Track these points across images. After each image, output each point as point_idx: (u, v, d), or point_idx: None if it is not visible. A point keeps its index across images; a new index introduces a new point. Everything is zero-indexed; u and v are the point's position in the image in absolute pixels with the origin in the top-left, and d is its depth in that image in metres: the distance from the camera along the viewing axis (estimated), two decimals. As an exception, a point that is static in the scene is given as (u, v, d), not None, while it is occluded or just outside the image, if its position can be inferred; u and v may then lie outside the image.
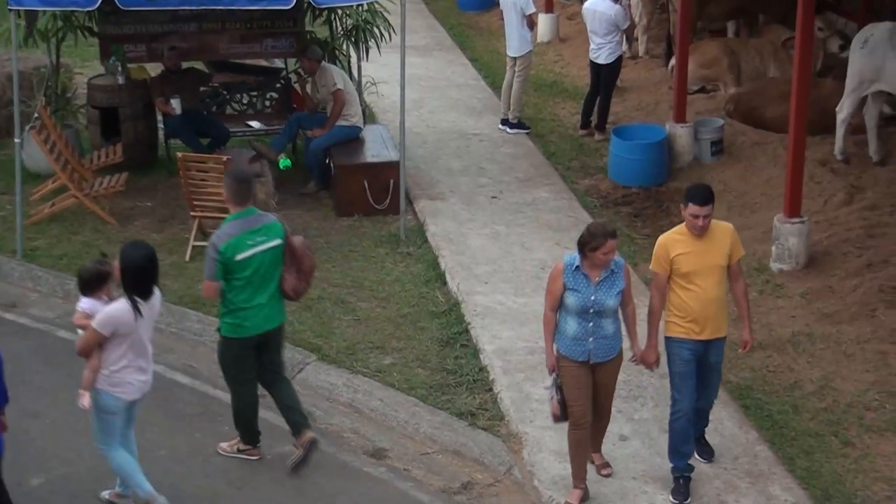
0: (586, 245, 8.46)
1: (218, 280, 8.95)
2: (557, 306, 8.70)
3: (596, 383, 8.83)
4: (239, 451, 9.68)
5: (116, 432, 8.62)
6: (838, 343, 11.16)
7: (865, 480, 9.28)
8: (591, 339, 8.63)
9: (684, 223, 8.79)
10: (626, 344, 9.41)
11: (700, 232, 8.69)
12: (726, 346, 9.27)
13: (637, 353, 8.99)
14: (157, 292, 8.64)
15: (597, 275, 8.56)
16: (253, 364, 9.35)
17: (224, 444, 9.74)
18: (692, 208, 8.61)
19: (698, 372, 8.94)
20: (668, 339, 8.94)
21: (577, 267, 8.58)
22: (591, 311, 8.57)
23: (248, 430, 9.63)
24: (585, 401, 8.74)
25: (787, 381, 10.65)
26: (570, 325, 8.65)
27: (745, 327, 9.20)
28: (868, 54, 14.00)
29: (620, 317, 8.85)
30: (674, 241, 8.81)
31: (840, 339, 11.22)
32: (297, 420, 9.39)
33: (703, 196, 8.67)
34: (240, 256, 8.90)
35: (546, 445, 9.73)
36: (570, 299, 8.58)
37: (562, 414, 8.80)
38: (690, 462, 9.09)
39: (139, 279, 8.41)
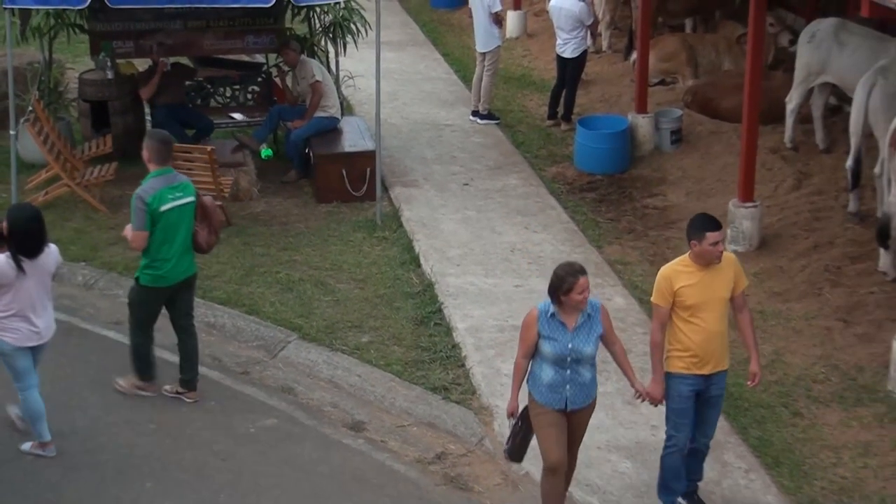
0: (559, 289, 7.78)
1: (147, 230, 9.42)
2: (531, 354, 8.01)
3: (570, 428, 8.13)
4: (136, 387, 10.09)
5: (24, 375, 8.98)
6: (788, 320, 11.25)
7: (813, 448, 9.36)
8: (567, 387, 7.94)
9: (688, 254, 8.07)
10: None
11: (720, 260, 7.99)
12: (735, 376, 9.01)
13: (640, 390, 8.23)
14: (49, 250, 8.97)
15: (573, 321, 7.87)
16: (159, 311, 9.95)
17: (121, 381, 10.14)
18: (711, 236, 7.88)
19: (696, 407, 8.30)
20: (667, 374, 8.20)
21: (552, 314, 7.88)
22: (569, 359, 7.88)
23: (145, 365, 10.06)
24: (563, 447, 8.06)
25: (741, 356, 10.57)
26: (546, 373, 7.96)
27: (753, 359, 8.37)
28: (815, 48, 14.07)
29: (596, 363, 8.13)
30: (677, 272, 8.07)
31: (789, 316, 11.31)
32: (189, 377, 10.06)
33: (716, 222, 7.99)
34: (163, 208, 9.44)
35: (515, 417, 9.79)
36: (547, 347, 7.88)
37: (513, 454, 8.40)
38: (679, 500, 8.55)
39: (23, 239, 8.76)
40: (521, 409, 8.20)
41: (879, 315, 11.01)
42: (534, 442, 9.26)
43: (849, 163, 12.77)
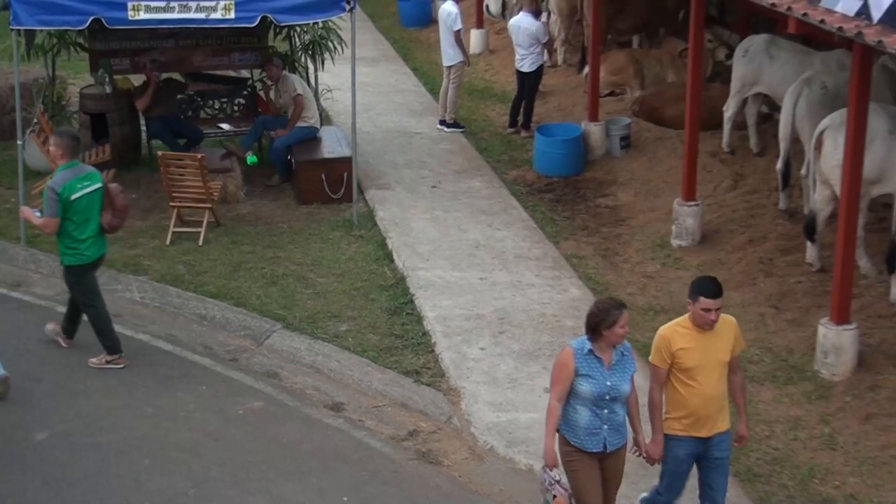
0: (601, 324, 7.01)
1: (58, 217, 9.70)
2: (566, 395, 7.14)
3: (606, 472, 7.38)
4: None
5: None
6: (726, 307, 10.95)
7: (749, 423, 9.27)
8: (605, 428, 7.18)
9: (688, 315, 7.30)
10: None
11: (711, 327, 7.22)
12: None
13: (641, 446, 7.53)
14: None
15: (609, 358, 7.12)
16: (95, 281, 10.22)
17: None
18: (704, 302, 7.14)
19: (702, 471, 7.54)
20: (665, 436, 7.46)
21: (589, 350, 7.10)
22: (607, 397, 7.11)
23: (111, 340, 10.25)
24: (599, 489, 7.33)
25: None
26: (583, 416, 7.16)
27: (742, 421, 7.69)
28: (748, 62, 14.14)
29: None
30: (676, 334, 7.29)
31: (728, 303, 11.18)
32: (109, 343, 10.25)
33: (715, 290, 7.20)
34: (73, 196, 9.75)
35: (481, 398, 9.80)
36: (585, 386, 7.07)
37: None
38: None
39: None
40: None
41: (807, 302, 11.09)
42: (499, 418, 9.34)
43: (779, 165, 12.85)
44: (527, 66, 16.55)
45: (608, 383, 7.10)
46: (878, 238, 11.46)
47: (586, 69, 16.58)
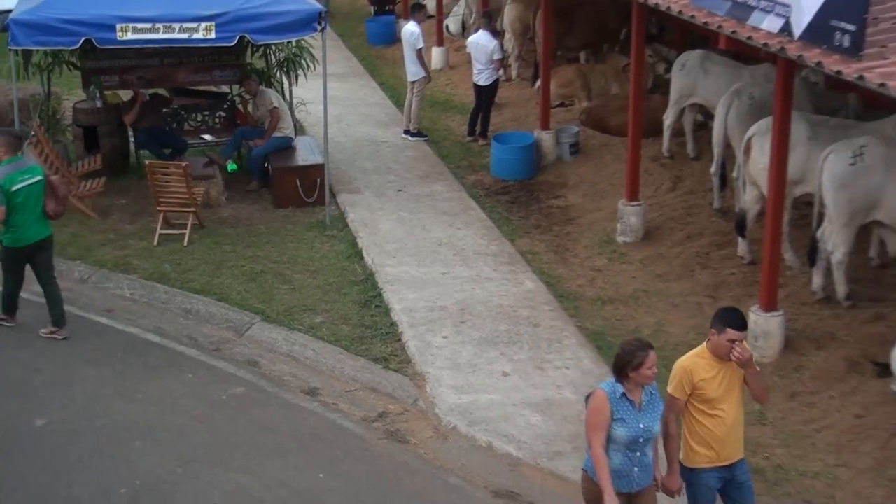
0: (628, 365, 6.42)
1: (3, 206, 10.03)
2: (605, 440, 6.48)
3: None
4: (2, 320, 10.78)
5: None
6: (668, 297, 11.40)
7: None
8: (636, 470, 6.58)
9: (706, 345, 6.78)
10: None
11: (729, 358, 6.69)
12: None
13: (659, 480, 6.87)
14: None
15: (639, 399, 6.52)
16: (23, 265, 10.55)
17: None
18: (731, 333, 6.59)
19: (730, 494, 7.00)
20: (691, 469, 6.87)
21: (621, 394, 6.47)
22: (640, 440, 6.51)
23: (10, 305, 10.76)
24: None
25: (630, 327, 10.83)
26: (615, 459, 6.53)
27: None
28: (685, 75, 14.25)
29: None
30: (697, 365, 6.74)
31: (669, 293, 11.47)
32: (57, 316, 10.63)
33: (742, 322, 6.68)
34: (14, 188, 10.10)
35: (444, 382, 9.84)
36: (620, 431, 6.44)
37: None
38: None
39: None
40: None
41: (739, 292, 11.16)
42: (461, 400, 9.38)
43: (713, 168, 12.95)
44: (483, 80, 16.62)
45: (641, 425, 6.48)
46: (801, 233, 11.56)
47: (538, 82, 16.64)
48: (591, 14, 18.24)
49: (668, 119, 14.65)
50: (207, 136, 15.37)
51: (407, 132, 17.15)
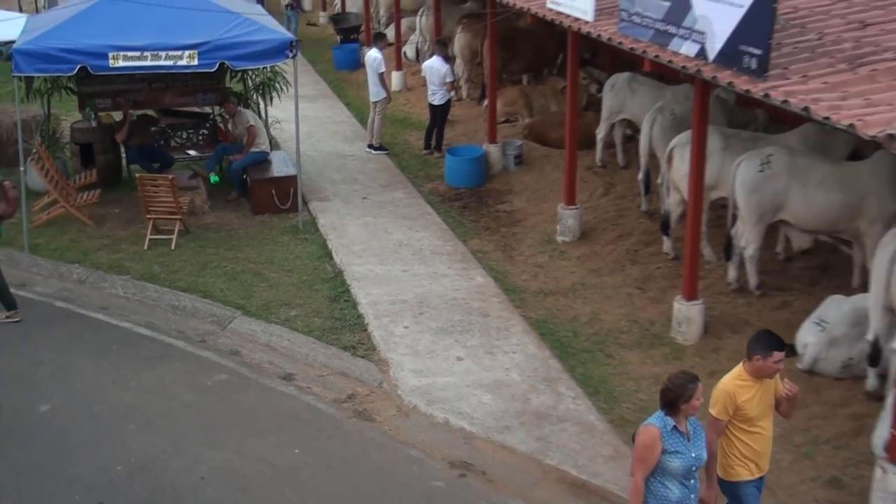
0: (680, 398, 5.93)
1: None
2: (661, 474, 6.02)
3: None
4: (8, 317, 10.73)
5: None
6: (602, 289, 11.46)
7: (621, 380, 9.58)
8: (692, 497, 6.13)
9: (744, 367, 6.44)
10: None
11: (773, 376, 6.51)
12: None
13: (704, 498, 6.43)
14: None
15: (685, 429, 6.07)
16: None
17: None
18: (776, 356, 6.33)
19: None
20: (735, 483, 6.57)
21: (673, 427, 5.98)
22: (693, 468, 6.05)
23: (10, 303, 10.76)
24: None
25: (569, 316, 10.88)
26: (674, 491, 6.05)
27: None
28: (615, 95, 14.34)
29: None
30: (738, 388, 6.40)
31: (603, 286, 11.53)
32: (7, 301, 10.72)
33: (782, 342, 6.43)
34: None
35: (405, 366, 9.84)
36: (676, 463, 5.95)
37: None
38: None
39: None
40: None
41: (664, 284, 11.27)
42: (421, 382, 9.38)
43: (640, 176, 13.07)
44: (437, 100, 16.63)
45: (693, 454, 6.03)
46: (717, 232, 11.66)
47: (485, 102, 16.69)
48: (532, 41, 18.31)
49: (601, 133, 14.73)
50: (192, 152, 15.27)
51: (370, 146, 17.13)
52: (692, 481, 6.09)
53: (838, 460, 8.18)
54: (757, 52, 8.01)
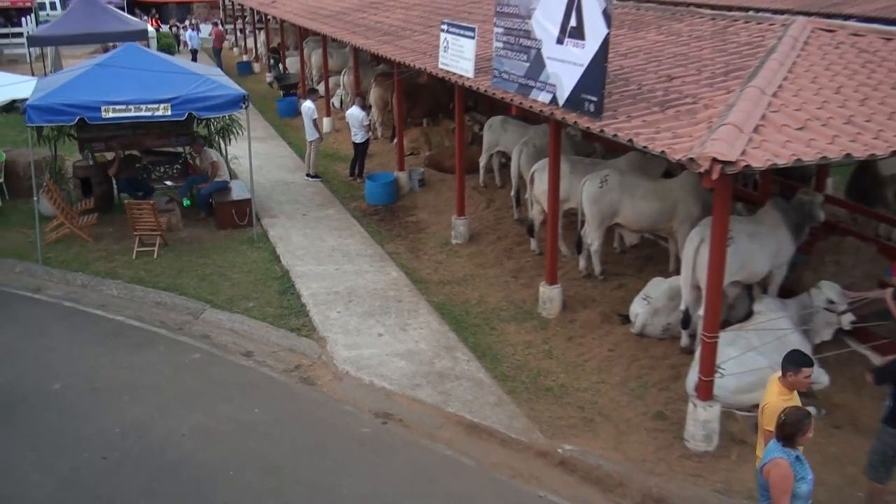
0: (798, 433, 5.22)
1: None
2: (791, 499, 5.28)
3: None
4: None
5: None
6: (486, 279, 11.50)
7: (502, 346, 9.62)
8: None
9: (781, 384, 5.82)
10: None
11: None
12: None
13: None
14: None
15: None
16: None
17: None
18: (806, 371, 5.76)
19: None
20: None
21: (796, 457, 5.28)
22: (811, 489, 5.40)
23: None
24: None
25: (462, 299, 10.90)
26: None
27: None
28: (492, 133, 14.41)
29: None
30: (784, 402, 5.70)
31: (486, 276, 11.58)
32: None
33: (810, 359, 5.84)
34: None
35: (339, 342, 9.73)
36: (804, 487, 5.30)
37: None
38: None
39: None
40: None
41: (533, 273, 11.34)
42: (351, 353, 9.27)
43: (512, 193, 13.17)
44: (358, 139, 16.48)
45: (809, 477, 5.36)
46: (570, 233, 11.85)
47: (395, 140, 16.66)
48: (429, 94, 18.34)
49: (482, 161, 14.79)
50: (168, 182, 14.84)
51: (308, 175, 16.90)
52: (810, 501, 5.44)
53: (662, 399, 8.39)
54: (594, 98, 8.16)
